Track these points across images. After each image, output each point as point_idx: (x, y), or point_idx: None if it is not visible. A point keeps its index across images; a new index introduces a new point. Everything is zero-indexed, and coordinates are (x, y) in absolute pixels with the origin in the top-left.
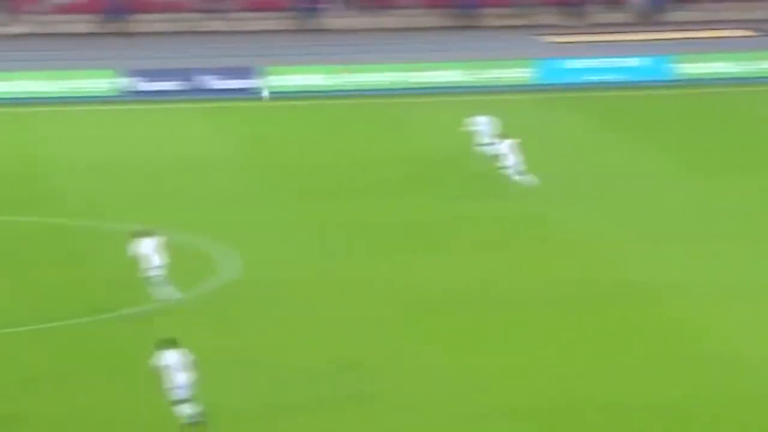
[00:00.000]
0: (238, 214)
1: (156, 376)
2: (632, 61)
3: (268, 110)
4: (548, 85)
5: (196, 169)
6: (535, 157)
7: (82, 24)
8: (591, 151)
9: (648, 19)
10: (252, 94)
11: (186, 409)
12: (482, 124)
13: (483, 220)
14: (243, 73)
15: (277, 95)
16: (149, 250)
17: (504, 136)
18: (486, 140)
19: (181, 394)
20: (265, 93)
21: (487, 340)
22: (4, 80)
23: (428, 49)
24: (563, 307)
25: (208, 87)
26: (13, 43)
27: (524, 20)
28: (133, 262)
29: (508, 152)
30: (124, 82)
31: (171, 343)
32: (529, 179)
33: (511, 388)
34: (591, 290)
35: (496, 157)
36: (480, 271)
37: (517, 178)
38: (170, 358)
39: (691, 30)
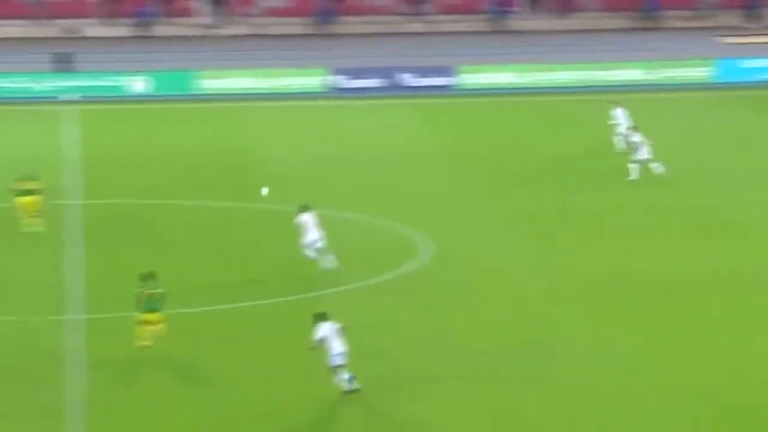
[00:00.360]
0: (432, 202)
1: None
2: None
3: (462, 106)
4: (725, 83)
5: (395, 160)
6: (710, 151)
7: (292, 26)
8: (765, 147)
9: None
10: (448, 90)
11: (343, 377)
12: (620, 117)
13: (656, 209)
14: (439, 71)
15: (470, 92)
16: (309, 222)
17: (636, 128)
18: (623, 131)
19: (337, 361)
20: (265, 192)
21: (655, 323)
22: (221, 77)
23: (611, 49)
24: (724, 293)
25: (407, 84)
26: (229, 43)
27: (703, 22)
28: (340, 245)
29: (641, 143)
30: (330, 80)
31: (324, 317)
32: (660, 169)
33: (677, 368)
34: (749, 279)
35: (632, 147)
36: (651, 257)
37: (652, 167)
38: (325, 329)
39: None
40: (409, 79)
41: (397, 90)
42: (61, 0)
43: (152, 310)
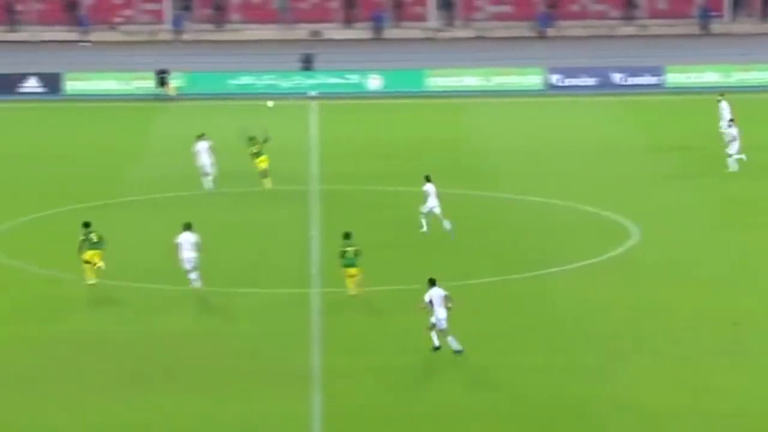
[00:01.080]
0: (639, 190)
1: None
2: None
3: (669, 103)
4: None
5: (605, 152)
6: None
7: (513, 29)
8: None
9: None
10: (657, 89)
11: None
12: (723, 109)
13: None
14: (649, 71)
15: (677, 90)
16: (430, 191)
17: (734, 122)
18: (724, 123)
19: (442, 325)
20: (270, 104)
21: None
22: (447, 76)
23: None
24: None
25: (619, 83)
26: (457, 45)
27: None
28: (554, 230)
29: (735, 136)
30: (546, 79)
31: (434, 282)
32: (736, 166)
33: None
34: None
35: (730, 139)
36: None
37: (734, 159)
38: (433, 294)
39: None
40: (621, 78)
41: (609, 88)
42: (306, 6)
43: (351, 265)
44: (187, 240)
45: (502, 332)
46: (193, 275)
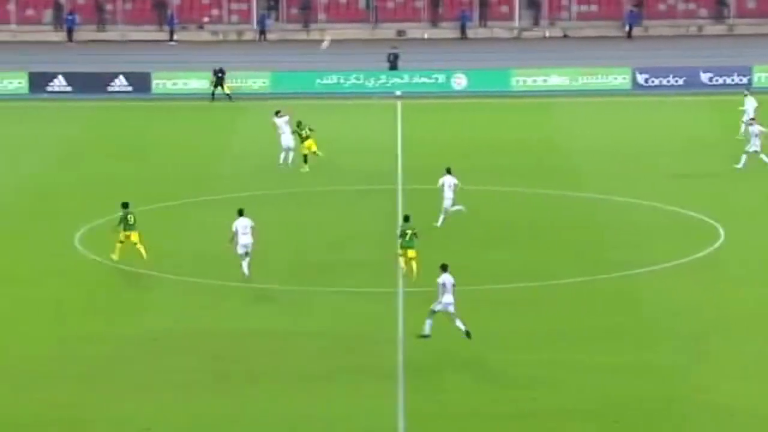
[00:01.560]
0: (723, 191)
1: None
2: None
3: (758, 104)
4: None
5: (693, 152)
6: None
7: (600, 29)
8: None
9: None
10: (745, 89)
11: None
12: (748, 105)
13: None
14: (737, 70)
15: (765, 90)
16: (449, 184)
17: (755, 120)
18: (746, 120)
19: (450, 309)
20: (325, 44)
21: None
22: (533, 75)
23: None
24: None
25: (707, 83)
26: (542, 44)
27: None
28: (640, 230)
29: (757, 135)
30: (633, 79)
31: (445, 268)
32: (766, 160)
33: None
34: None
35: (750, 136)
36: None
37: (761, 157)
38: (444, 279)
39: None
40: (708, 78)
41: (696, 88)
42: (392, 6)
43: (409, 247)
44: (243, 225)
45: (587, 332)
46: (244, 262)
